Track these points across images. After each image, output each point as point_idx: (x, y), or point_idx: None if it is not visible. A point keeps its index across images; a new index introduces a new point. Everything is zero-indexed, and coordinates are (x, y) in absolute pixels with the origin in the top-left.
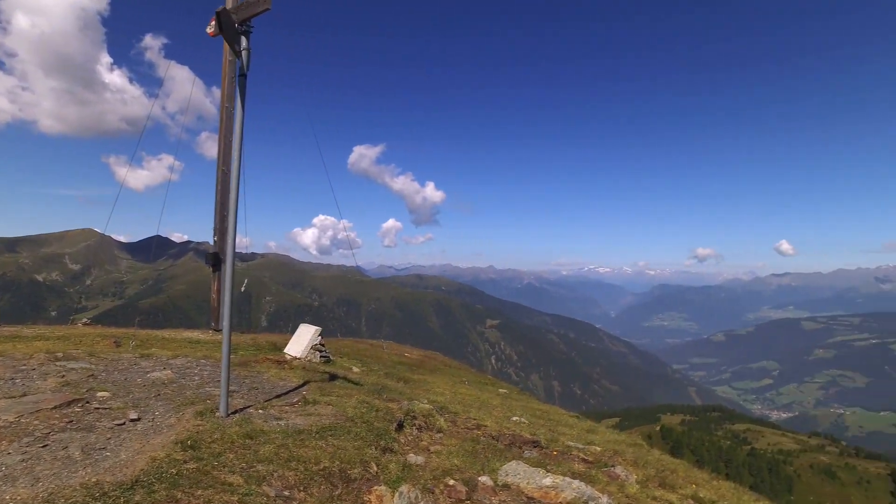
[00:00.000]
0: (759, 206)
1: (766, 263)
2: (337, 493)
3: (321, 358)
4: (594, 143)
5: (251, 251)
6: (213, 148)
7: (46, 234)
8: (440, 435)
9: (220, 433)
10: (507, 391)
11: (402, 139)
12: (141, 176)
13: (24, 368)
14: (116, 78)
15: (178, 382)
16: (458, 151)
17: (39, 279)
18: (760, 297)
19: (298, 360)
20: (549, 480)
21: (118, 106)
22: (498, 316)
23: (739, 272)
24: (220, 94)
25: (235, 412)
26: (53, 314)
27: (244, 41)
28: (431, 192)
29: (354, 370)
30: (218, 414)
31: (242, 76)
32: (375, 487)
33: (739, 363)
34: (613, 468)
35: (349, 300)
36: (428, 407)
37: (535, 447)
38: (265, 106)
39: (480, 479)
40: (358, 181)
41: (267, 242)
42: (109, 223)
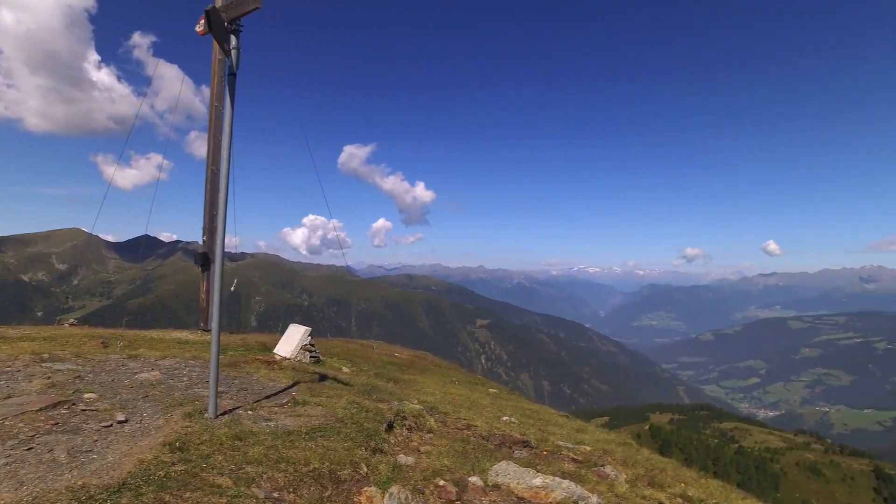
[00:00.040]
0: (747, 206)
1: (753, 263)
2: (327, 494)
3: (311, 358)
4: (585, 143)
5: (241, 251)
6: (202, 147)
7: (32, 233)
8: (430, 435)
9: (208, 435)
10: (496, 391)
11: (392, 139)
12: (129, 175)
13: (8, 370)
14: (104, 76)
15: (166, 383)
16: (448, 151)
17: (25, 279)
18: (748, 296)
19: (288, 360)
20: (539, 480)
21: (106, 104)
22: (488, 316)
23: (727, 272)
24: (209, 92)
25: (224, 413)
26: (39, 315)
27: (234, 40)
28: (421, 191)
29: (344, 370)
30: (207, 415)
31: (232, 75)
32: (365, 488)
33: (727, 362)
34: (603, 468)
35: (339, 300)
36: (418, 407)
37: (525, 447)
38: (255, 105)
39: (471, 479)
40: (348, 181)
41: (256, 242)
42: (97, 223)
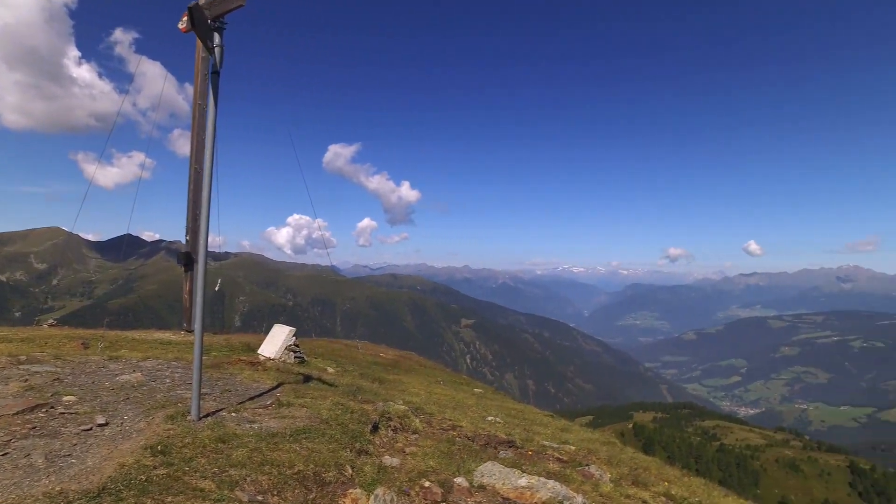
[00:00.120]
0: (729, 207)
1: (735, 263)
2: (311, 496)
3: (295, 359)
4: (570, 144)
5: (224, 250)
6: (185, 145)
7: (10, 232)
8: (416, 436)
9: (191, 437)
10: (482, 391)
11: (377, 138)
12: (111, 173)
13: None
14: (85, 72)
15: (148, 385)
16: (434, 151)
17: (3, 279)
18: (730, 296)
19: (272, 361)
20: (524, 481)
21: (86, 101)
22: (473, 315)
23: (710, 272)
24: (192, 90)
25: (208, 415)
26: (17, 315)
27: (217, 38)
28: (407, 191)
29: (329, 371)
30: (189, 417)
31: (215, 73)
32: (350, 490)
33: (709, 361)
34: (588, 467)
35: (324, 300)
36: (403, 408)
37: (510, 447)
38: (239, 103)
39: (456, 480)
40: (333, 180)
41: (241, 241)
42: (78, 221)
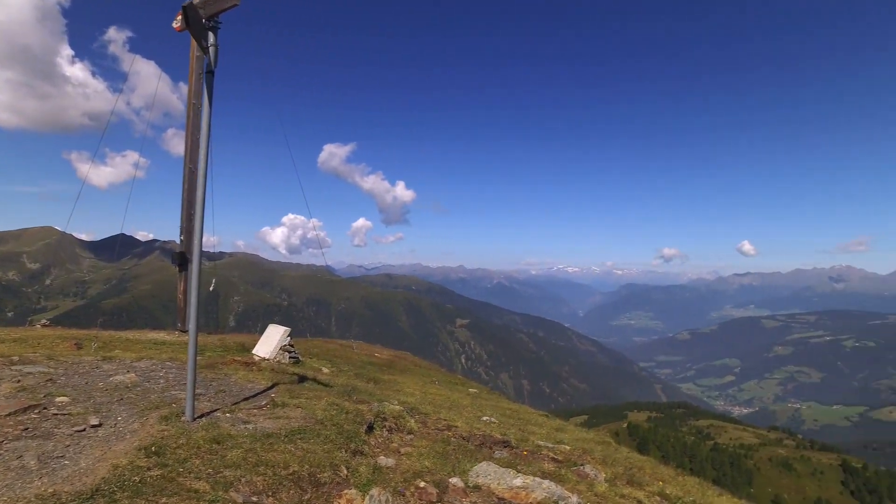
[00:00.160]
0: (723, 207)
1: (728, 263)
2: (306, 497)
3: (290, 359)
4: (565, 144)
5: (219, 250)
6: (179, 145)
7: (2, 231)
8: (411, 436)
9: (185, 438)
10: (477, 391)
11: (373, 138)
12: (104, 173)
13: None
14: (78, 71)
15: (142, 386)
16: (429, 151)
17: None
18: (724, 296)
19: (267, 361)
20: (519, 481)
21: (80, 100)
22: (468, 315)
23: (704, 272)
24: (187, 90)
25: (202, 416)
26: (10, 315)
27: (212, 37)
28: (402, 191)
29: (324, 371)
30: (184, 418)
31: (210, 73)
32: (345, 491)
33: (703, 361)
34: (582, 467)
35: (319, 300)
36: (398, 408)
37: (505, 447)
38: (234, 102)
39: (451, 480)
40: (328, 180)
41: (235, 241)
42: (71, 221)
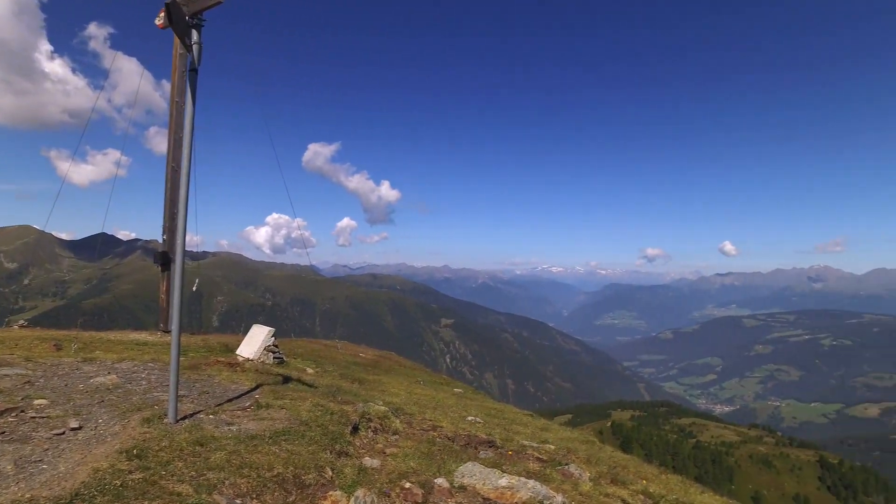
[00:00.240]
0: (705, 208)
1: (710, 263)
2: (291, 499)
3: (274, 359)
4: (549, 145)
5: (202, 250)
6: (162, 143)
7: None
8: (396, 437)
9: (168, 440)
10: (461, 390)
11: (357, 138)
12: (85, 171)
13: None
14: (57, 67)
15: (123, 388)
16: (413, 151)
17: None
18: (706, 295)
19: (251, 361)
20: (504, 481)
21: (59, 97)
22: (453, 315)
23: (686, 272)
24: (170, 87)
25: (185, 418)
26: None
27: (195, 35)
28: (387, 190)
29: (308, 371)
30: (166, 420)
31: (193, 71)
32: (330, 492)
33: (686, 360)
34: (567, 466)
35: (303, 300)
36: (383, 409)
37: (490, 447)
38: (218, 101)
39: (437, 481)
40: (312, 179)
41: (219, 241)
42: (50, 219)
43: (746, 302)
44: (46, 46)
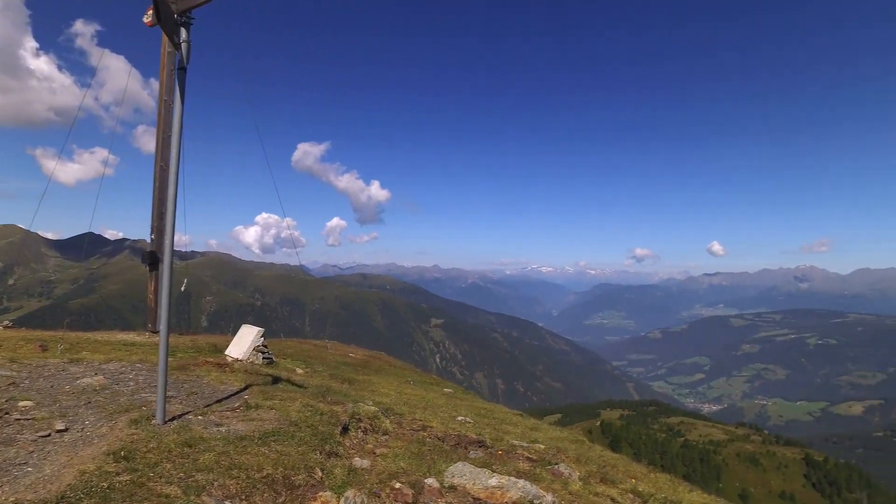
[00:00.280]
0: (693, 208)
1: (698, 263)
2: (280, 500)
3: (264, 360)
4: (539, 146)
5: (191, 249)
6: (150, 142)
7: None
8: (386, 437)
9: (156, 442)
10: (451, 390)
11: (347, 137)
12: (72, 170)
13: None
14: (43, 64)
15: (111, 389)
16: (403, 150)
17: None
18: (694, 295)
19: (240, 362)
20: (494, 481)
21: (45, 95)
22: (442, 315)
23: (675, 272)
24: (158, 86)
25: (173, 419)
26: None
27: (184, 33)
28: (376, 190)
29: (298, 372)
30: (154, 421)
31: (182, 69)
32: (320, 493)
33: (674, 359)
34: (557, 466)
35: (293, 300)
36: (373, 409)
37: (480, 447)
38: (206, 100)
39: (427, 481)
40: (302, 179)
41: (208, 240)
42: (36, 219)
43: (734, 302)
44: (32, 43)
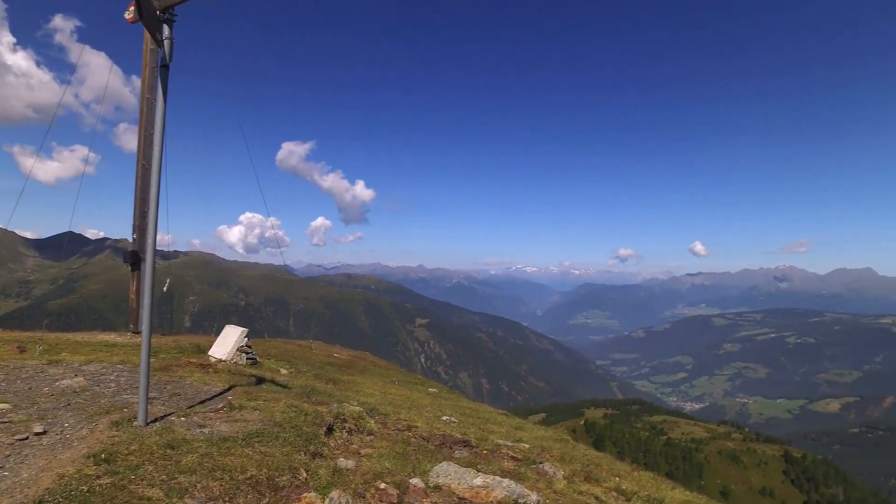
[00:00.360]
0: (676, 209)
1: (681, 263)
2: (265, 502)
3: (247, 360)
4: (523, 146)
5: (174, 249)
6: (132, 140)
7: None
8: (371, 437)
9: (138, 444)
10: (436, 390)
11: (332, 137)
12: (51, 168)
13: None
14: (20, 60)
15: (91, 390)
16: (388, 150)
17: None
18: (677, 295)
19: (224, 362)
20: (479, 480)
21: (23, 91)
22: (427, 315)
23: (658, 272)
24: (140, 83)
25: (155, 420)
26: None
27: (166, 30)
28: (361, 190)
29: (282, 372)
30: (136, 423)
31: (164, 67)
32: (305, 494)
33: (657, 358)
34: (542, 465)
35: (277, 300)
36: (358, 409)
37: (465, 447)
38: (190, 98)
39: (412, 481)
40: (286, 178)
41: (191, 240)
42: (14, 217)
43: (716, 301)
44: (8, 38)
